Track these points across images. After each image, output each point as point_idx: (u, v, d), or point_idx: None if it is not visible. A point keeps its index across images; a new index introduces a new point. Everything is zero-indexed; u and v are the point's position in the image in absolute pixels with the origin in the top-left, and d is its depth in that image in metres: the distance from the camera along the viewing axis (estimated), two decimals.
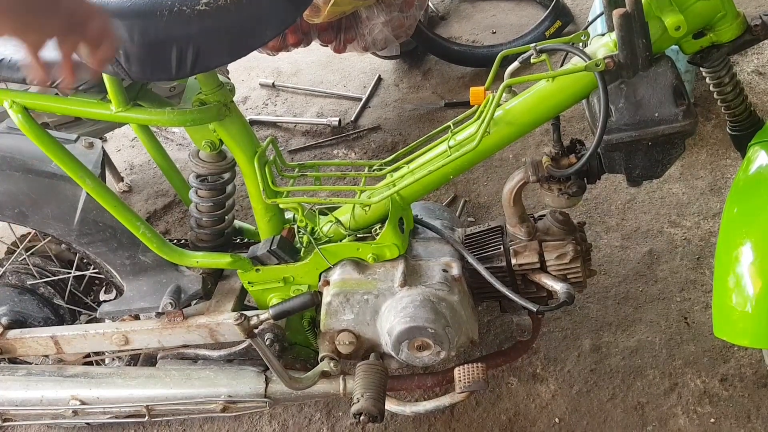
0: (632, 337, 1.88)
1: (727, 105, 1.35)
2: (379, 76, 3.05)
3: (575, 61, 1.29)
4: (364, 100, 2.91)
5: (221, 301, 1.56)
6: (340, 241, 1.48)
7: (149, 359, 1.71)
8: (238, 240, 1.65)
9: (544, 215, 1.52)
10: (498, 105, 1.32)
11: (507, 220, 1.50)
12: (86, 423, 1.74)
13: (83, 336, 1.55)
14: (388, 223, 1.42)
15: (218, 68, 1.33)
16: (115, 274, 1.54)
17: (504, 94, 1.33)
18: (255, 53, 1.96)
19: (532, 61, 1.31)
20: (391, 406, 1.52)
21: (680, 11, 1.21)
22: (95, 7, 0.82)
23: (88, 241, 1.48)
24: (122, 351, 1.63)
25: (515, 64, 1.38)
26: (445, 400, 1.50)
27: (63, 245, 1.64)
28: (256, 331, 1.42)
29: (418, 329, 1.38)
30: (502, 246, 1.49)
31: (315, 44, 2.60)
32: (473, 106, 1.43)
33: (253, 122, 2.91)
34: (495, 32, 3.26)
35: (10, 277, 1.66)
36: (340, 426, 1.80)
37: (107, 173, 2.56)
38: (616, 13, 1.19)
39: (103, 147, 1.52)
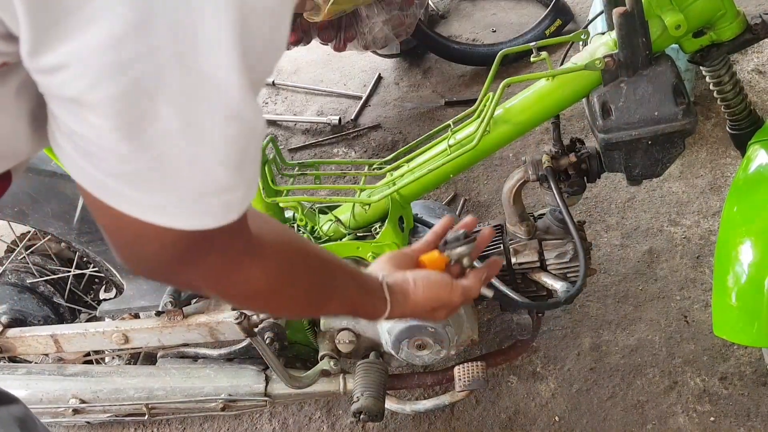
0: (632, 335, 1.88)
1: (727, 104, 1.35)
2: (379, 74, 3.04)
3: (575, 60, 1.29)
4: (364, 98, 2.90)
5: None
6: (340, 239, 1.48)
7: (149, 358, 1.71)
8: None
9: (544, 214, 1.52)
10: (498, 104, 1.32)
11: (507, 218, 1.50)
12: (86, 422, 1.74)
13: (83, 335, 1.55)
14: (388, 221, 1.42)
15: None
16: (115, 272, 1.54)
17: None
18: None
19: (531, 59, 1.31)
20: (391, 404, 1.52)
21: (680, 10, 1.20)
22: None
23: (88, 240, 1.48)
24: (122, 349, 1.63)
25: None
26: (445, 399, 1.51)
27: (63, 244, 1.64)
28: (256, 329, 1.42)
29: (418, 328, 1.38)
30: (502, 245, 1.49)
31: (315, 43, 2.60)
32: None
33: None
34: (495, 31, 3.26)
35: (10, 276, 1.66)
36: (340, 425, 1.80)
37: None
38: (616, 11, 1.19)
39: None
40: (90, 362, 1.74)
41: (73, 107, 0.52)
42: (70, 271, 1.66)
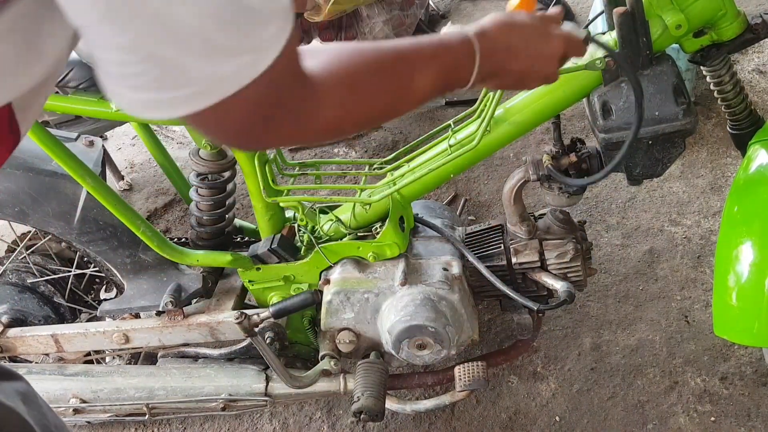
0: (632, 335, 1.88)
1: (728, 104, 1.35)
2: None
3: (575, 60, 1.29)
4: None
5: (222, 299, 1.56)
6: (341, 239, 1.48)
7: (150, 358, 1.71)
8: (239, 239, 1.65)
9: (545, 214, 1.52)
10: (498, 104, 1.32)
11: (507, 218, 1.50)
12: (87, 421, 1.74)
13: (84, 334, 1.55)
14: (389, 221, 1.42)
15: None
16: (116, 272, 1.54)
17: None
18: None
19: None
20: (391, 404, 1.52)
21: (681, 10, 1.20)
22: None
23: (88, 240, 1.48)
24: (123, 349, 1.63)
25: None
26: (445, 399, 1.51)
27: (63, 243, 1.64)
28: (256, 329, 1.42)
29: (418, 328, 1.38)
30: (502, 245, 1.49)
31: (316, 42, 2.60)
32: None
33: None
34: None
35: (10, 276, 1.66)
36: (340, 424, 1.80)
37: (108, 172, 2.56)
38: (617, 11, 1.19)
39: (103, 145, 1.52)
40: (90, 362, 1.73)
41: (97, 30, 0.56)
42: (70, 271, 1.66)
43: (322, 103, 0.72)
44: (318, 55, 0.75)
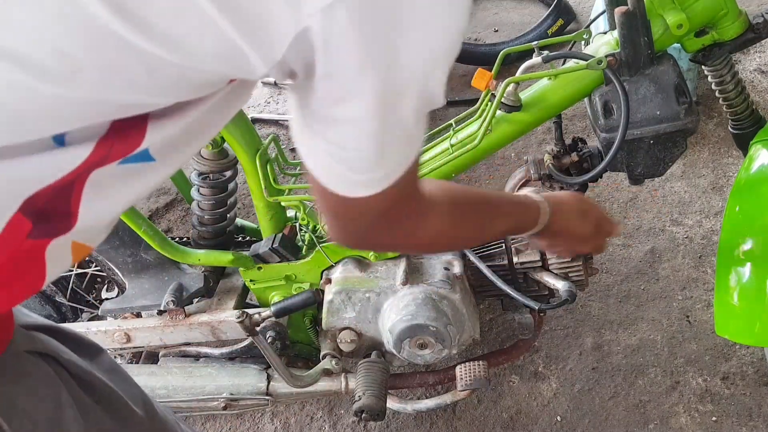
0: (634, 335, 1.88)
1: (729, 103, 1.35)
2: None
3: (577, 60, 1.29)
4: None
5: (223, 299, 1.57)
6: None
7: (151, 357, 1.71)
8: (240, 238, 1.65)
9: None
10: (499, 103, 1.32)
11: None
12: None
13: (85, 333, 1.55)
14: None
15: None
16: (117, 271, 1.54)
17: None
18: None
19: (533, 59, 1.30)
20: (392, 404, 1.52)
21: (682, 9, 1.20)
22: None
23: None
24: (124, 348, 1.63)
25: (529, 63, 1.34)
26: (446, 398, 1.51)
27: None
28: (257, 328, 1.42)
29: (419, 327, 1.38)
30: (503, 244, 1.49)
31: None
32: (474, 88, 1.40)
33: (255, 120, 2.90)
34: (497, 30, 3.26)
35: None
36: (341, 424, 1.80)
37: None
38: (618, 11, 1.19)
39: None
40: None
41: (339, 109, 0.63)
42: (72, 270, 1.66)
43: (430, 220, 0.86)
44: (432, 184, 0.92)
